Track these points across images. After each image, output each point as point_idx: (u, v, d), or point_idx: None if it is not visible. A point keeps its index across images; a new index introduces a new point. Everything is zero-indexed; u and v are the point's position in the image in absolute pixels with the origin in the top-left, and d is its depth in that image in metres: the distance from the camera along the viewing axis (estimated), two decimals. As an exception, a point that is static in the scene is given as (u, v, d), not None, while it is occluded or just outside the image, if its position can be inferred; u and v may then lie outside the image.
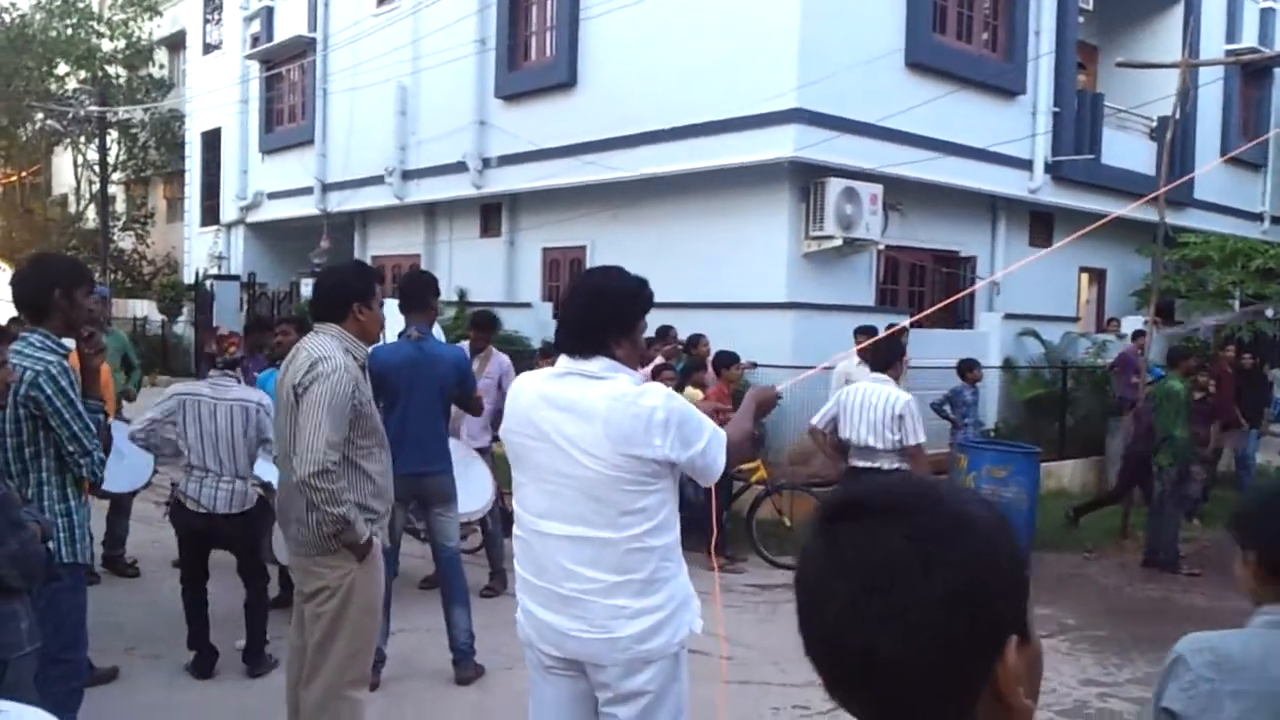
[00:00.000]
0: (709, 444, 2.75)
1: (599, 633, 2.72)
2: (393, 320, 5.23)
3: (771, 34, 10.89)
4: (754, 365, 9.81)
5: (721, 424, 2.90)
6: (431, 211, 16.64)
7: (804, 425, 10.64)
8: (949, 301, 7.48)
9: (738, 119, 11.07)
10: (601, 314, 2.81)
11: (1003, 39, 13.12)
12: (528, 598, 2.87)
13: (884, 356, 6.83)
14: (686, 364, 9.35)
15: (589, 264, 13.62)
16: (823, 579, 0.97)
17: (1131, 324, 13.91)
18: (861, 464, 6.54)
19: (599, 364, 2.76)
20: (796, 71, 10.62)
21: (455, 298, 14.56)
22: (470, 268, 15.46)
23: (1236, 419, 11.81)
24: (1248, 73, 17.27)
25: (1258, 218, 17.90)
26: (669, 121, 11.77)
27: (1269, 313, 15.19)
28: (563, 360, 2.83)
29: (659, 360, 9.09)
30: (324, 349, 3.64)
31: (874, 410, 6.44)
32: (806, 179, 11.16)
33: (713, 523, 8.39)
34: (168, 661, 5.46)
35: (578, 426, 2.70)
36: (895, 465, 6.39)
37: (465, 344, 7.42)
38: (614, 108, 12.47)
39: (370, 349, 5.12)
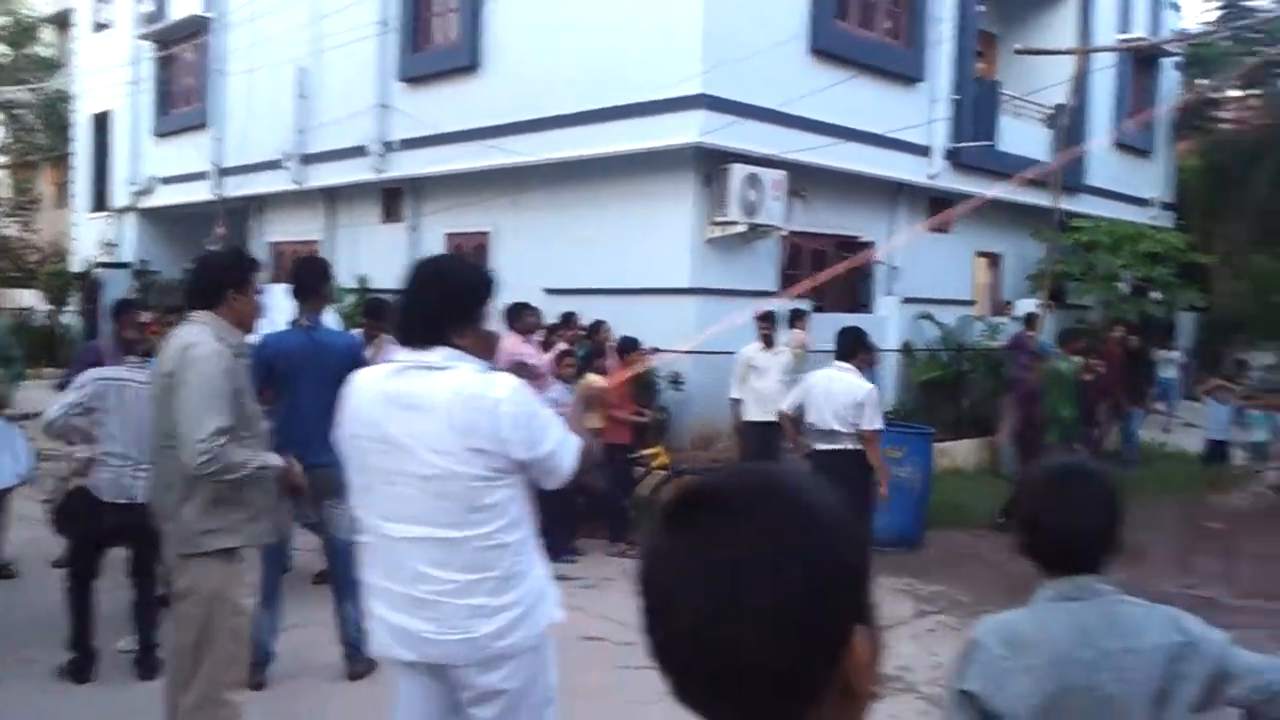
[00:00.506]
0: (558, 446, 2.70)
1: (456, 634, 2.66)
2: (287, 307, 5.09)
3: (676, 19, 10.88)
4: (656, 351, 9.82)
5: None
6: (332, 197, 16.30)
7: (706, 410, 10.78)
8: (815, 283, 7.65)
9: (642, 104, 11.05)
10: (441, 302, 2.72)
11: (904, 26, 13.31)
12: (380, 604, 2.79)
13: (847, 347, 7.30)
14: (588, 350, 9.31)
15: (493, 250, 13.51)
16: (676, 578, 0.94)
17: (1026, 307, 14.28)
18: (824, 446, 7.03)
19: (440, 354, 2.66)
20: (701, 57, 10.63)
21: (356, 285, 14.29)
22: (372, 254, 15.18)
23: (1123, 398, 12.20)
24: (1138, 61, 17.83)
25: (1147, 203, 18.51)
26: (574, 106, 11.69)
27: (1154, 295, 15.76)
28: (402, 353, 2.73)
29: (561, 346, 9.05)
30: (195, 335, 3.54)
31: (838, 397, 6.96)
32: (711, 165, 11.19)
33: (613, 509, 8.41)
34: (42, 666, 5.24)
35: (421, 423, 2.61)
36: (856, 447, 6.94)
37: (359, 331, 7.27)
38: (518, 91, 12.34)
39: (261, 337, 4.98)
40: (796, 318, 10.81)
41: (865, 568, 0.98)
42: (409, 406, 2.63)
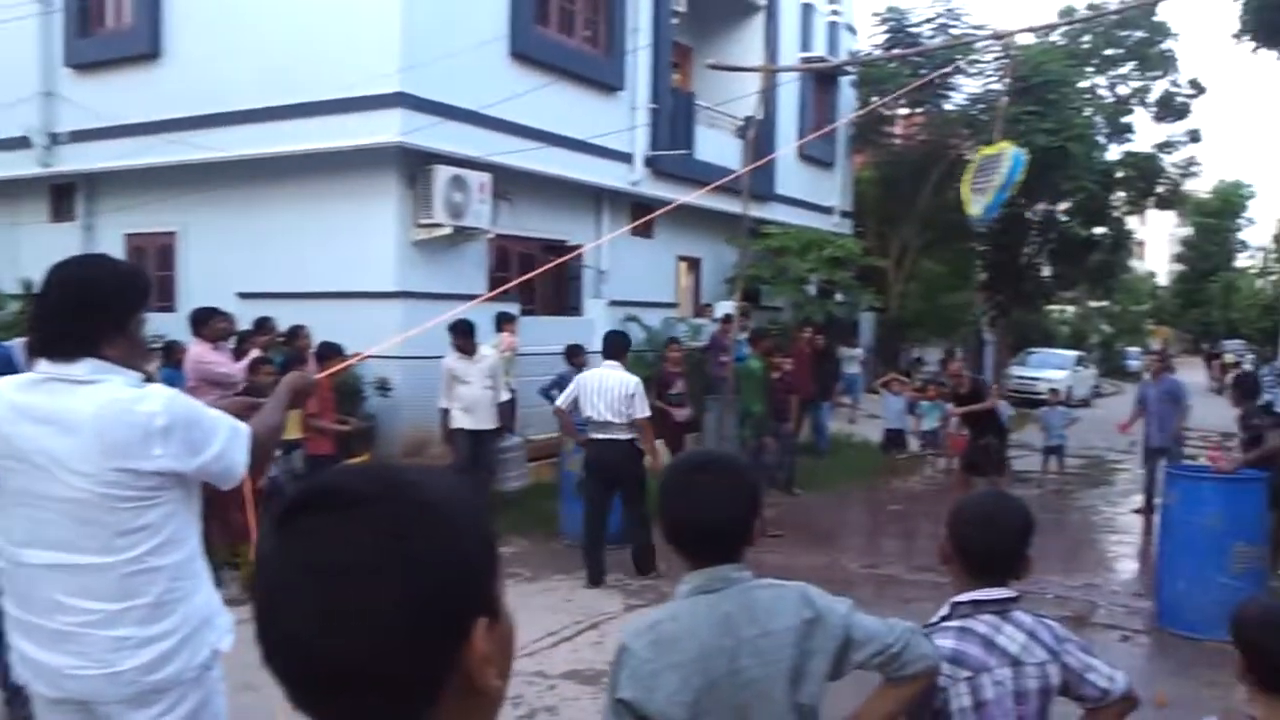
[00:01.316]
0: (225, 446, 2.50)
1: (99, 668, 2.41)
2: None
3: (373, 14, 10.57)
4: (360, 357, 9.50)
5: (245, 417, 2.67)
6: (-11, 192, 14.66)
7: (416, 417, 10.55)
8: (509, 287, 7.78)
9: (340, 101, 10.65)
10: (85, 309, 2.42)
11: (603, 35, 13.62)
12: (19, 637, 2.50)
13: (615, 348, 8.17)
14: (286, 357, 8.88)
15: (181, 252, 12.63)
16: (284, 581, 0.90)
17: (725, 308, 14.98)
18: (600, 436, 7.77)
19: (85, 366, 2.39)
20: (399, 55, 10.39)
21: (21, 291, 12.92)
22: (40, 257, 13.55)
23: (812, 393, 13.04)
24: (819, 79, 19.15)
25: (829, 211, 19.91)
26: (267, 100, 11.10)
27: (838, 297, 16.98)
28: (41, 364, 2.44)
29: (255, 353, 8.57)
30: None
31: (610, 391, 7.72)
32: (414, 165, 10.98)
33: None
34: None
35: (60, 441, 2.35)
36: (628, 436, 7.72)
37: (19, 341, 6.55)
38: (206, 83, 11.56)
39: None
40: (505, 321, 10.81)
41: (489, 559, 0.97)
42: (45, 422, 2.36)
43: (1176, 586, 7.14)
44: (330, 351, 8.38)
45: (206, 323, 8.35)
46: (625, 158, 13.94)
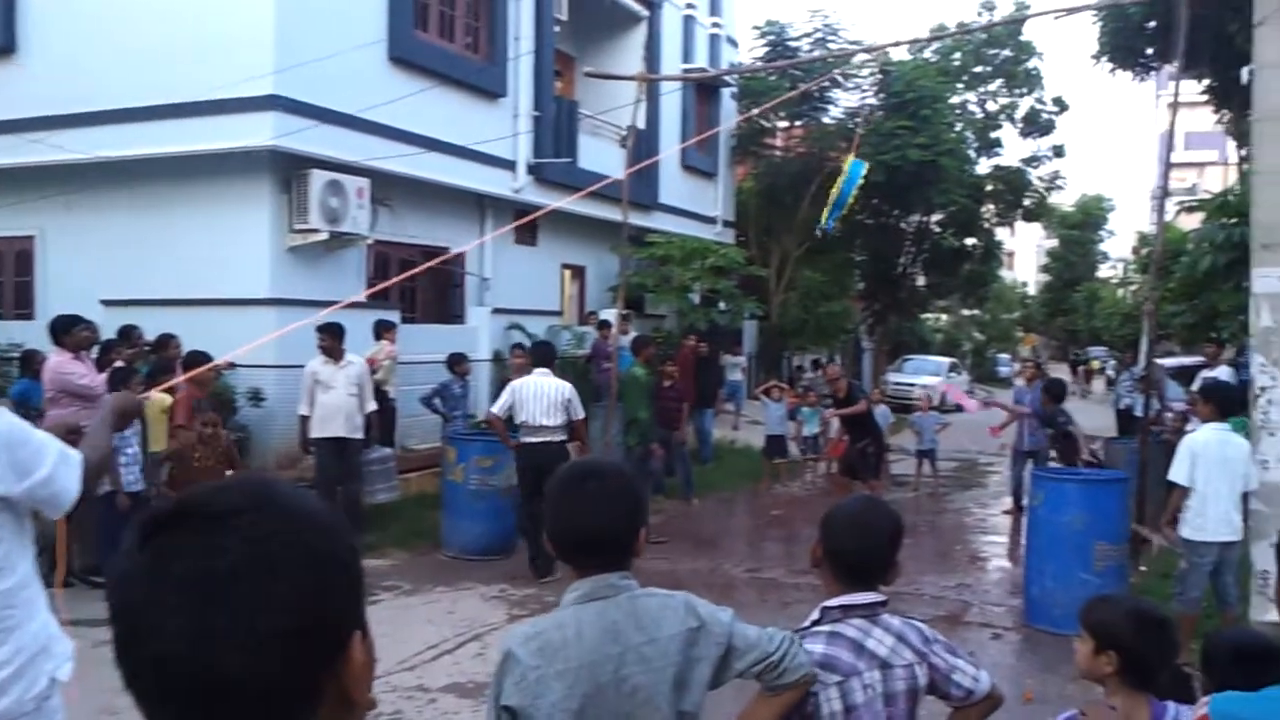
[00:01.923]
0: (54, 471, 2.39)
1: None
2: None
3: (246, 14, 10.27)
4: (232, 366, 9.20)
5: (74, 443, 2.54)
6: None
7: (288, 429, 10.24)
8: (381, 288, 7.69)
9: (210, 102, 10.29)
10: None
11: (484, 41, 13.51)
12: None
13: (546, 356, 8.80)
14: (153, 366, 8.51)
15: (40, 257, 12.06)
16: (151, 598, 0.86)
17: (609, 316, 15.00)
18: (533, 439, 8.17)
19: None
20: (273, 56, 10.12)
21: None
22: (-119, 262, 12.97)
23: (695, 400, 13.15)
24: (701, 89, 19.36)
25: (712, 221, 20.14)
26: (133, 100, 10.68)
27: (721, 305, 17.16)
28: None
29: (119, 363, 8.21)
30: None
31: (546, 397, 8.24)
32: (289, 170, 10.70)
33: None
34: None
35: None
36: (560, 438, 8.18)
37: None
38: (66, 80, 11.06)
39: None
40: (385, 328, 10.60)
41: (357, 573, 0.96)
42: None
43: (1043, 584, 7.39)
44: (197, 360, 8.06)
45: (68, 331, 7.97)
46: (508, 165, 13.84)
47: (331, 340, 8.99)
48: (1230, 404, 6.63)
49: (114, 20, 10.91)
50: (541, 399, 8.24)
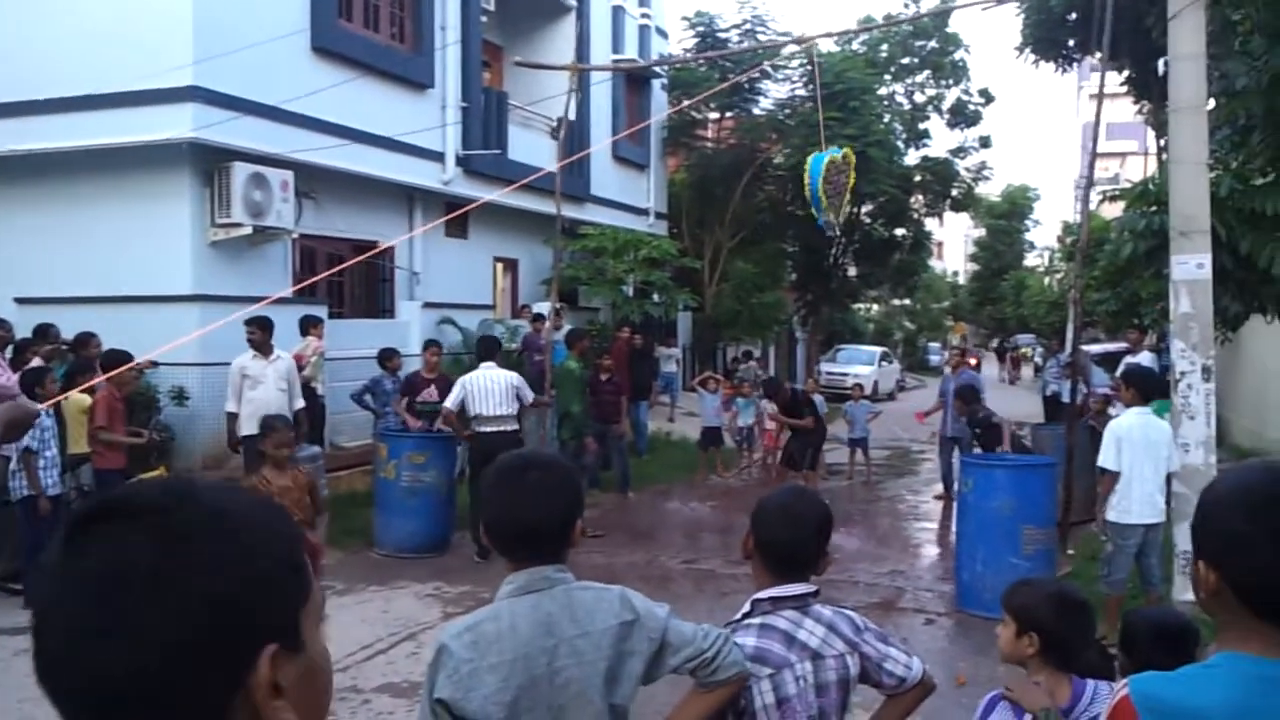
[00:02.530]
0: None
1: None
2: None
3: (164, 3, 9.99)
4: (154, 364, 8.96)
5: None
6: None
7: (217, 427, 10.00)
8: (307, 283, 7.59)
9: (128, 94, 9.99)
10: None
11: (410, 31, 13.31)
12: None
13: (488, 350, 9.14)
14: (71, 366, 8.26)
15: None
16: (57, 595, 0.83)
17: (542, 310, 14.90)
18: (488, 429, 8.58)
19: None
20: (193, 46, 9.86)
21: None
22: None
23: (631, 392, 13.14)
24: (632, 81, 19.31)
25: (644, 213, 20.11)
26: (47, 92, 10.34)
27: (655, 297, 17.16)
28: None
29: (36, 363, 7.94)
30: None
31: (498, 388, 8.72)
32: (210, 162, 10.44)
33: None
34: None
35: None
36: (514, 427, 8.74)
37: None
38: (-26, 72, 10.68)
39: None
40: (312, 324, 10.40)
41: (285, 581, 0.89)
42: None
43: (974, 569, 7.50)
44: (116, 359, 7.82)
45: (-23, 330, 7.69)
46: (437, 157, 13.67)
47: (261, 333, 8.83)
48: (1152, 388, 6.77)
49: (26, 9, 10.54)
50: (494, 391, 8.72)
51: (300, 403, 9.13)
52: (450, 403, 8.84)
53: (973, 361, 12.57)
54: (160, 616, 0.80)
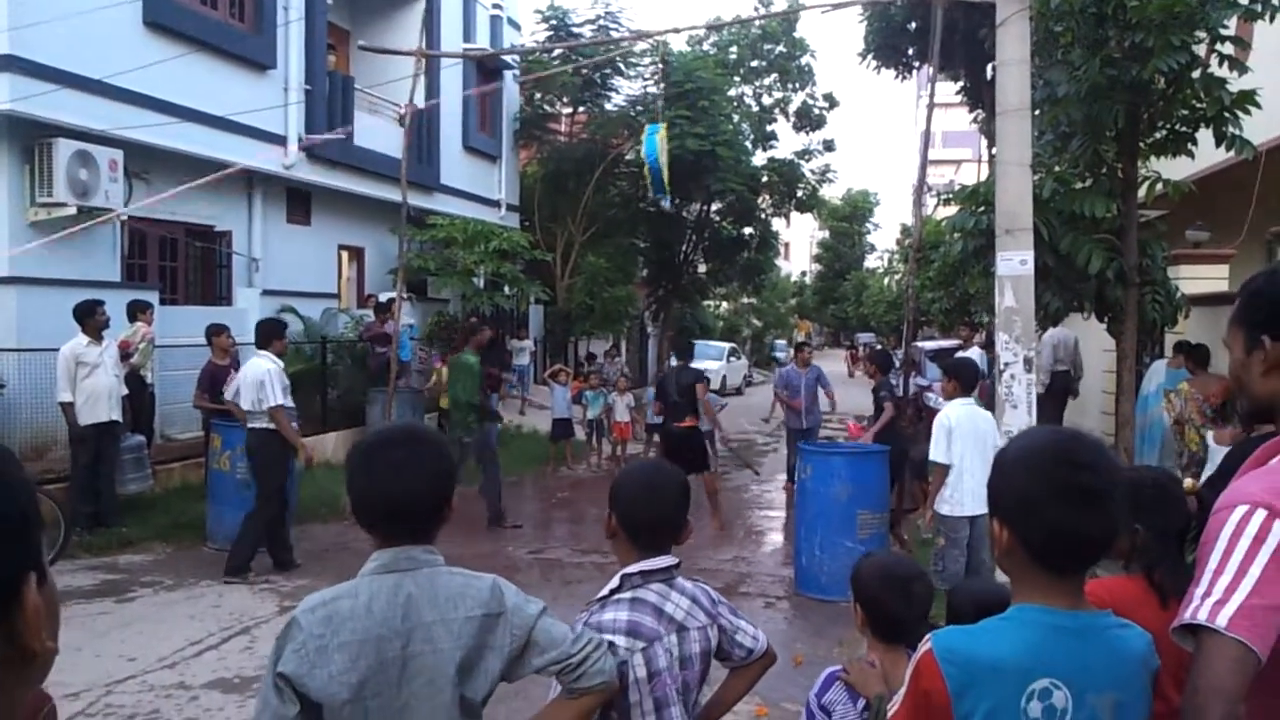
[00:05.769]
0: None
1: None
2: None
3: (-26, -36, 9.36)
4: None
5: None
6: None
7: (36, 417, 9.47)
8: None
9: (-65, 62, 9.35)
10: None
11: (250, 9, 12.84)
12: None
13: (263, 336, 8.26)
14: None
15: None
16: None
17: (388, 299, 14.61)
18: (253, 425, 7.96)
19: None
20: (7, 12, 9.26)
21: None
22: None
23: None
24: (484, 71, 19.11)
25: (495, 204, 19.94)
26: None
27: (506, 290, 17.03)
28: None
29: None
30: None
31: (248, 378, 7.94)
32: (30, 138, 9.84)
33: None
34: None
35: None
36: (265, 424, 7.87)
37: None
38: None
39: None
40: (140, 309, 9.92)
41: (31, 520, 0.95)
42: None
43: (812, 553, 7.71)
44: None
45: None
46: (278, 139, 13.21)
47: (96, 317, 8.51)
48: (973, 379, 7.05)
49: None
50: (247, 384, 7.95)
51: (124, 390, 8.83)
52: (228, 393, 8.37)
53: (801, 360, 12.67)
54: None
